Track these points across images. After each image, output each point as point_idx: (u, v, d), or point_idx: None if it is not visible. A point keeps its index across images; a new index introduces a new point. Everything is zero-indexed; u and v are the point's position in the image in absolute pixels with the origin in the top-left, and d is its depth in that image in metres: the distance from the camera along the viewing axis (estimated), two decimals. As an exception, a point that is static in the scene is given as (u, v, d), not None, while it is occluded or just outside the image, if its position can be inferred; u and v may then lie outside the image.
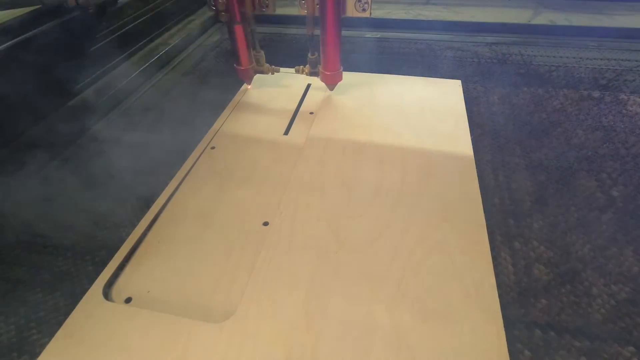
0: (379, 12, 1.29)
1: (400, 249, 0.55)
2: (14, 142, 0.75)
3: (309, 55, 0.86)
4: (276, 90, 0.92)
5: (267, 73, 0.91)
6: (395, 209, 0.61)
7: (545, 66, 1.00)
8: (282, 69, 0.99)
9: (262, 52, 0.88)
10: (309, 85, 0.92)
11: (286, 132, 0.78)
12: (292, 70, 0.99)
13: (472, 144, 0.73)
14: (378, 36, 1.20)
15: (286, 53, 1.14)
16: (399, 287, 0.50)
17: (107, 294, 0.51)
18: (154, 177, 0.69)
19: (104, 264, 0.55)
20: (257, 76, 0.97)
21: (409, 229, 0.57)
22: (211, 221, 0.60)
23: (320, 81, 0.90)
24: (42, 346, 0.46)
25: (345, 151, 0.72)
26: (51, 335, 0.47)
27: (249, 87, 0.94)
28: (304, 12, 0.78)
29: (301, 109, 0.85)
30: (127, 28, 1.04)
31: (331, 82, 0.87)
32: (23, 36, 0.76)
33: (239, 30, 0.82)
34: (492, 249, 0.55)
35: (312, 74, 0.88)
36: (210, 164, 0.71)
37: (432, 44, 1.14)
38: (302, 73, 0.90)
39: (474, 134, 0.78)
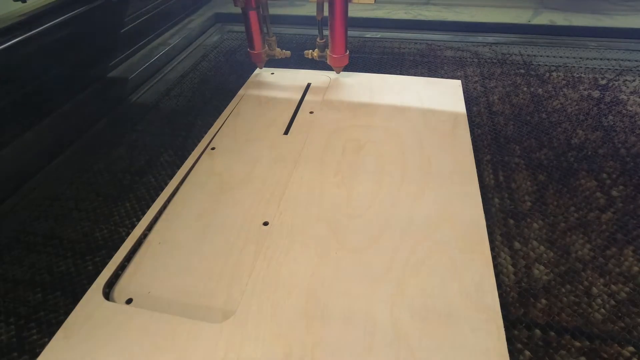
0: (379, 12, 1.29)
1: (400, 249, 0.55)
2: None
3: (318, 39, 0.91)
4: (276, 90, 0.92)
5: (278, 57, 0.97)
6: (395, 208, 0.61)
7: (545, 66, 1.00)
8: (281, 69, 1.00)
9: (274, 37, 0.94)
10: (309, 85, 0.92)
11: (286, 132, 0.78)
12: (293, 69, 1.00)
13: (472, 144, 0.73)
14: (378, 36, 1.20)
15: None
16: (399, 287, 0.50)
17: (107, 294, 0.51)
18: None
19: (104, 264, 0.55)
20: (257, 76, 0.98)
21: (409, 229, 0.57)
22: (211, 221, 0.60)
23: (322, 77, 0.91)
24: (42, 346, 0.46)
25: (345, 151, 0.72)
26: (51, 335, 0.47)
27: (261, 69, 1.00)
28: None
29: (301, 109, 0.85)
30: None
31: (338, 65, 0.92)
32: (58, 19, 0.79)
33: (253, 15, 0.87)
34: (492, 249, 0.55)
35: (321, 57, 0.94)
36: (210, 164, 0.71)
37: (432, 44, 1.14)
38: (311, 57, 0.95)
39: (474, 134, 0.78)
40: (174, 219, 0.61)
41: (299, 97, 0.89)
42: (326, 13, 0.83)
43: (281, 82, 0.95)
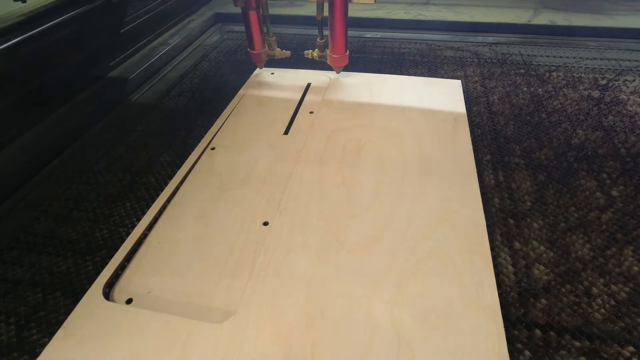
0: (379, 12, 1.29)
1: (400, 249, 0.55)
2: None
3: (318, 39, 0.91)
4: (276, 90, 0.92)
5: (278, 57, 0.97)
6: (395, 209, 0.61)
7: (545, 66, 1.00)
8: (281, 69, 1.00)
9: (274, 37, 0.94)
10: (309, 85, 0.92)
11: (286, 132, 0.78)
12: (293, 69, 1.00)
13: (472, 144, 0.73)
14: (378, 36, 1.20)
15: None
16: (399, 287, 0.50)
17: (107, 294, 0.51)
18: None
19: (104, 264, 0.55)
20: (257, 76, 0.98)
21: (409, 229, 0.57)
22: (211, 221, 0.60)
23: (322, 77, 0.92)
24: (42, 346, 0.46)
25: (345, 151, 0.72)
26: (51, 335, 0.47)
27: (261, 69, 1.00)
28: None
29: (301, 108, 0.85)
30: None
31: (338, 65, 0.92)
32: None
33: (253, 15, 0.87)
34: (492, 249, 0.55)
35: (321, 57, 0.93)
36: (210, 164, 0.71)
37: (432, 44, 1.14)
38: (311, 57, 0.95)
39: (474, 134, 0.78)
40: (174, 219, 0.61)
41: (299, 97, 0.89)
42: (326, 13, 0.83)
43: (281, 82, 0.95)
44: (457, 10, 1.29)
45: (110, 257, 0.55)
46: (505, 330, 0.45)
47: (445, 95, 0.87)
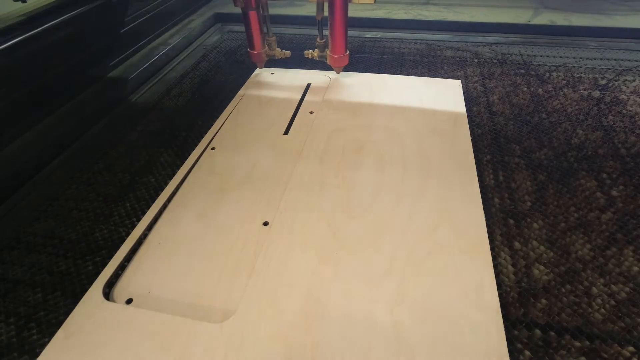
0: (379, 12, 1.29)
1: (400, 249, 0.55)
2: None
3: (318, 39, 0.91)
4: (276, 90, 0.92)
5: (278, 57, 0.97)
6: (395, 209, 0.61)
7: (545, 66, 1.00)
8: (281, 69, 1.00)
9: (274, 37, 0.94)
10: (309, 85, 0.92)
11: (286, 132, 0.78)
12: (293, 69, 1.00)
13: (472, 144, 0.73)
14: (378, 36, 1.20)
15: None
16: (399, 287, 0.50)
17: (107, 294, 0.51)
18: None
19: (104, 264, 0.55)
20: (257, 76, 0.98)
21: (408, 229, 0.57)
22: (211, 221, 0.60)
23: (322, 77, 0.92)
24: (42, 346, 0.46)
25: (345, 151, 0.72)
26: (51, 335, 0.47)
27: (261, 69, 1.00)
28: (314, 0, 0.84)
29: (301, 109, 0.85)
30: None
31: (338, 65, 0.92)
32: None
33: (253, 16, 0.87)
34: (492, 249, 0.55)
35: (321, 57, 0.93)
36: (210, 164, 0.71)
37: (432, 44, 1.14)
38: (311, 57, 0.95)
39: (474, 134, 0.78)
40: (174, 219, 0.61)
41: (299, 97, 0.89)
42: (326, 13, 0.83)
43: (281, 82, 0.95)
44: (457, 10, 1.29)
45: (110, 257, 0.55)
46: (505, 330, 0.45)
47: (445, 95, 0.87)
